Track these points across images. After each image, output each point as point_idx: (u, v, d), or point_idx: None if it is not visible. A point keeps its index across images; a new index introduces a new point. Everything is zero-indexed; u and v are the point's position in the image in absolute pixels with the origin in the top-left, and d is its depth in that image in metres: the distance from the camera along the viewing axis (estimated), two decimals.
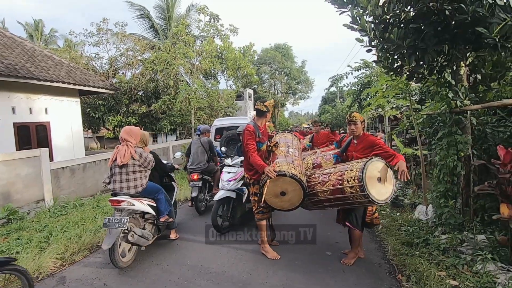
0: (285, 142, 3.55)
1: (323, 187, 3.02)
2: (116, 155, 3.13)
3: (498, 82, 4.00)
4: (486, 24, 2.83)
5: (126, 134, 3.21)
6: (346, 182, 2.81)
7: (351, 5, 3.52)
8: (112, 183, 3.21)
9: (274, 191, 3.03)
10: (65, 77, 9.01)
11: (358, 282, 2.73)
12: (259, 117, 3.41)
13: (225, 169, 4.31)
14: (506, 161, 2.87)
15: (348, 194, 2.80)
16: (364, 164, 2.77)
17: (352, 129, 3.20)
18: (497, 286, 2.45)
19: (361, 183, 2.66)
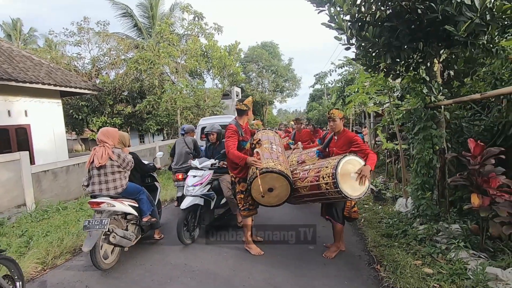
0: (268, 139, 3.60)
1: (303, 183, 3.11)
2: (93, 156, 3.10)
3: (471, 77, 4.17)
4: (455, 22, 2.96)
5: (102, 135, 3.19)
6: (322, 178, 2.92)
7: (328, 3, 3.60)
8: (91, 185, 3.18)
9: (262, 188, 3.05)
10: (45, 78, 8.77)
11: (338, 274, 2.82)
12: (240, 116, 3.44)
13: (190, 173, 3.96)
14: (476, 153, 3.01)
15: (324, 190, 2.92)
16: (337, 161, 2.88)
17: (332, 126, 3.31)
18: (467, 272, 2.58)
19: (334, 180, 2.78)
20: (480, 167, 2.96)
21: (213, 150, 4.43)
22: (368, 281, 2.69)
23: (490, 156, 2.94)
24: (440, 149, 3.72)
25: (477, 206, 2.94)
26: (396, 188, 5.78)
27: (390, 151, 6.72)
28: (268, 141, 3.56)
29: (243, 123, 3.48)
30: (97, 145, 3.22)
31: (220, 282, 2.75)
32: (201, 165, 3.96)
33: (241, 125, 3.44)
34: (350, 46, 3.80)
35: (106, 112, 13.48)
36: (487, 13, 2.77)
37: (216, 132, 4.35)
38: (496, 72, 3.90)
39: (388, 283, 2.57)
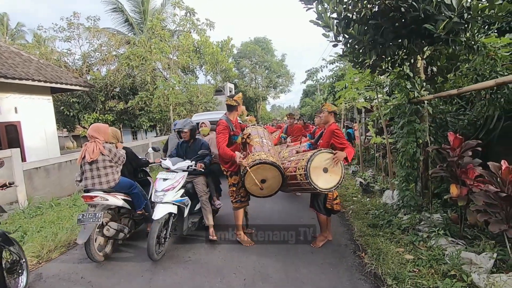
0: (257, 134, 3.74)
1: (286, 172, 3.31)
2: (85, 152, 3.17)
3: (454, 73, 4.33)
4: (435, 20, 3.09)
5: (93, 131, 3.25)
6: (297, 170, 3.14)
7: (316, 1, 3.69)
8: (83, 180, 3.24)
9: (255, 179, 3.19)
10: (35, 74, 8.69)
11: (324, 261, 2.96)
12: (230, 111, 3.54)
13: (160, 175, 3.45)
14: (455, 146, 3.16)
15: (299, 181, 3.13)
16: (310, 155, 3.07)
17: (320, 116, 3.61)
18: (445, 257, 2.74)
19: (306, 172, 2.99)
20: (459, 159, 3.12)
21: (186, 148, 4.00)
22: (352, 267, 2.83)
23: (468, 149, 3.10)
24: (423, 142, 3.87)
25: (455, 196, 3.10)
26: (384, 181, 5.96)
27: (379, 145, 6.89)
28: (258, 136, 3.70)
29: (233, 118, 3.56)
30: (88, 141, 3.29)
31: (212, 271, 2.87)
32: (175, 166, 3.52)
33: (232, 120, 3.52)
34: (337, 43, 3.91)
35: (98, 108, 13.37)
36: (465, 12, 2.90)
37: (189, 129, 3.90)
38: (477, 68, 4.05)
39: (370, 269, 2.72)
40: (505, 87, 3.50)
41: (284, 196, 5.60)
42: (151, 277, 2.82)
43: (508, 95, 3.56)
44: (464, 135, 4.04)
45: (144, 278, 2.80)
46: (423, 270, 2.57)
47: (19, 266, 2.56)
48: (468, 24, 3.30)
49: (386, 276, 2.54)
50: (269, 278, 2.71)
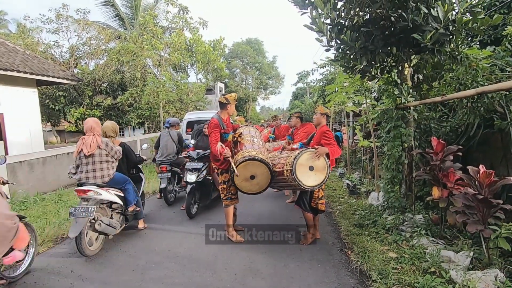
0: (249, 133, 3.85)
1: (274, 168, 3.43)
2: (82, 145, 3.14)
3: (438, 81, 4.54)
4: (423, 31, 3.26)
5: (94, 123, 3.25)
6: (285, 166, 3.27)
7: (310, 6, 3.81)
8: (78, 173, 3.23)
9: (244, 175, 3.28)
10: (21, 65, 8.45)
11: (312, 258, 3.06)
12: (222, 109, 3.59)
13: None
14: (438, 150, 3.33)
15: (286, 177, 3.25)
16: (298, 153, 3.21)
17: (313, 118, 3.71)
18: (426, 255, 2.89)
19: (292, 168, 3.12)
20: (441, 163, 3.29)
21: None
22: (339, 264, 2.95)
23: (450, 153, 3.27)
24: (408, 146, 4.05)
25: (437, 198, 3.28)
26: (370, 183, 6.15)
27: (366, 148, 7.10)
28: (249, 135, 3.82)
29: (224, 117, 3.61)
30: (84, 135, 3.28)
31: (203, 265, 2.92)
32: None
33: (223, 118, 3.58)
34: (330, 48, 4.04)
35: (85, 103, 13.08)
36: (450, 24, 3.08)
37: None
38: (460, 78, 4.27)
39: (356, 266, 2.84)
40: (485, 96, 3.71)
41: (273, 195, 5.70)
42: (142, 271, 2.84)
43: (487, 104, 3.77)
44: (446, 141, 4.25)
45: (135, 272, 2.82)
46: (406, 267, 2.70)
47: None
48: (453, 35, 3.49)
49: (371, 272, 2.66)
50: (259, 273, 2.78)
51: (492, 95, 3.65)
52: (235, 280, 2.67)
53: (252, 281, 2.65)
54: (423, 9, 3.20)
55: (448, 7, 2.93)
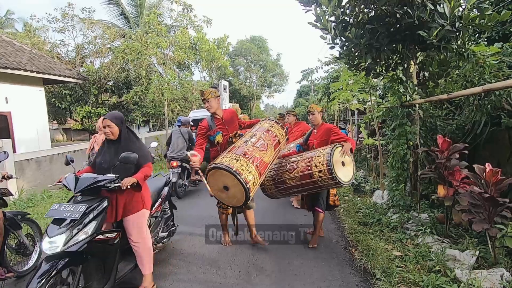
0: (254, 132, 3.17)
1: (291, 174, 3.20)
2: (94, 143, 3.28)
3: (444, 79, 4.49)
4: (429, 27, 3.22)
5: None
6: (314, 167, 3.04)
7: (315, 4, 3.79)
8: None
9: (217, 185, 2.74)
10: (28, 64, 8.56)
11: (316, 256, 3.07)
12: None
13: None
14: (443, 148, 3.30)
15: (317, 178, 3.03)
16: (330, 149, 3.05)
17: (311, 119, 3.51)
18: (431, 254, 2.87)
19: (329, 166, 2.93)
20: (447, 161, 3.26)
21: None
22: (343, 262, 2.95)
23: (456, 151, 3.25)
24: (413, 144, 4.02)
25: (442, 196, 3.25)
26: (374, 182, 6.12)
27: (371, 146, 7.06)
28: (252, 134, 3.12)
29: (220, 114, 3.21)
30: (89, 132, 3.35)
31: (208, 263, 2.95)
32: None
33: (217, 116, 3.19)
34: (334, 45, 4.02)
35: (91, 101, 13.20)
36: (457, 21, 3.04)
37: None
38: (467, 75, 4.22)
39: (360, 264, 2.84)
40: (492, 94, 3.66)
41: None
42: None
43: (494, 101, 3.72)
44: (453, 139, 4.20)
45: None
46: (410, 266, 2.69)
47: (24, 249, 2.77)
48: (459, 32, 3.45)
49: (375, 270, 2.66)
50: (263, 270, 2.80)
51: (499, 92, 3.60)
52: (239, 277, 2.69)
53: (256, 278, 2.67)
54: (429, 6, 3.17)
55: (455, 4, 2.89)
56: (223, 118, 3.22)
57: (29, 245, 2.86)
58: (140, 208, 2.46)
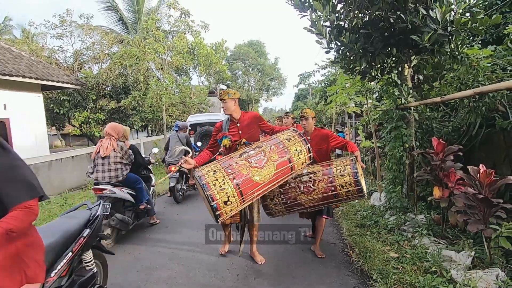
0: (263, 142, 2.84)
1: (310, 196, 2.94)
2: (99, 148, 3.47)
3: (439, 82, 4.55)
4: (422, 32, 3.28)
5: (110, 129, 3.57)
6: (340, 187, 2.85)
7: (310, 9, 3.85)
8: (95, 173, 3.52)
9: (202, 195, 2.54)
10: (26, 71, 8.59)
11: (314, 259, 3.09)
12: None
13: None
14: (438, 150, 3.35)
15: (343, 197, 2.91)
16: (352, 167, 2.87)
17: (304, 124, 3.31)
18: (427, 255, 2.90)
19: (359, 186, 2.82)
20: (442, 163, 3.30)
21: None
22: (340, 265, 2.97)
23: (450, 153, 3.29)
24: (409, 146, 4.06)
25: (438, 198, 3.29)
26: (372, 184, 6.15)
27: (368, 149, 7.11)
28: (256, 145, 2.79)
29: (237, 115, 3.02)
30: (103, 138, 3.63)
31: (206, 266, 2.96)
32: None
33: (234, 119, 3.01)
34: (329, 49, 4.08)
35: (89, 107, 13.23)
36: (449, 25, 3.10)
37: None
38: (461, 77, 4.28)
39: (357, 266, 2.86)
40: (486, 96, 3.71)
41: None
42: (147, 272, 2.89)
43: (489, 103, 3.78)
44: (449, 141, 4.25)
45: (140, 273, 2.87)
46: (407, 267, 2.72)
47: None
48: (452, 36, 3.51)
49: (372, 272, 2.68)
50: (261, 273, 2.81)
51: (493, 94, 3.66)
52: (238, 280, 2.70)
53: (254, 282, 2.68)
54: (422, 11, 3.23)
55: (446, 8, 2.95)
56: (239, 121, 3.02)
57: None
58: None
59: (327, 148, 3.31)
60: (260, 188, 2.54)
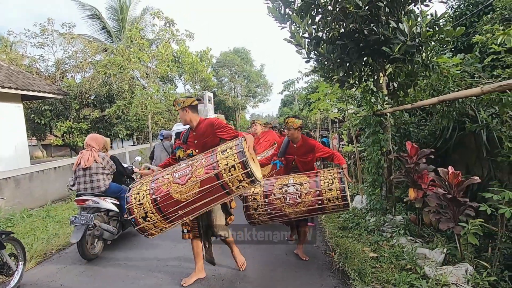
0: (200, 155, 2.49)
1: (295, 208, 2.94)
2: (80, 159, 3.48)
3: (413, 88, 4.81)
4: (392, 43, 3.50)
5: (91, 140, 3.63)
6: (327, 201, 2.89)
7: (289, 21, 4.03)
8: (76, 185, 3.53)
9: None
10: (5, 81, 8.39)
11: (297, 262, 3.19)
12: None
13: None
14: (412, 154, 3.54)
15: (329, 210, 3.00)
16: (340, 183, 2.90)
17: (288, 134, 3.32)
18: (403, 254, 3.06)
19: (346, 201, 2.87)
20: (415, 166, 3.50)
21: None
22: (323, 266, 3.09)
23: (423, 156, 3.49)
24: (386, 150, 4.27)
25: (413, 199, 3.48)
26: (355, 187, 6.34)
27: (351, 153, 7.33)
28: (190, 159, 2.52)
29: (195, 122, 2.80)
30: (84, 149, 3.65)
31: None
32: None
33: (194, 126, 2.80)
34: (309, 59, 4.26)
35: (72, 116, 12.98)
36: (416, 37, 3.34)
37: None
38: (433, 84, 4.54)
39: (338, 266, 2.98)
40: (456, 102, 3.96)
41: None
42: (133, 281, 2.91)
43: (459, 108, 4.03)
44: (425, 144, 4.48)
45: (125, 283, 2.88)
46: (384, 266, 2.86)
47: (6, 269, 2.78)
48: (422, 46, 3.76)
49: (351, 271, 2.80)
50: (246, 278, 2.89)
51: (462, 100, 3.91)
52: (223, 285, 2.76)
53: (239, 286, 2.75)
54: (392, 24, 3.46)
55: (413, 22, 3.18)
56: (195, 131, 2.80)
57: (13, 265, 2.85)
58: None
59: (312, 159, 3.33)
60: (183, 207, 2.30)
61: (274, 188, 3.05)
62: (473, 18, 8.18)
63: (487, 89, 1.93)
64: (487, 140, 3.67)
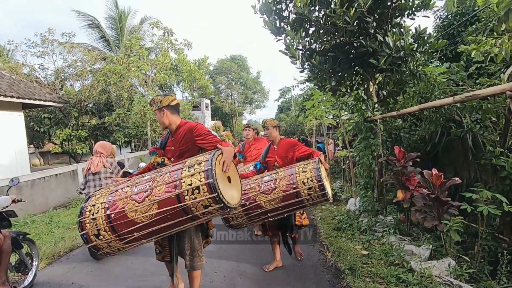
0: (168, 167, 2.16)
1: (269, 195, 2.77)
2: (90, 164, 3.72)
3: (402, 96, 5.09)
4: (379, 55, 3.78)
5: (100, 147, 3.86)
6: (301, 184, 2.69)
7: (284, 34, 4.30)
8: (87, 188, 3.74)
9: None
10: (7, 90, 8.57)
11: (293, 259, 3.39)
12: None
13: None
14: (400, 157, 3.79)
15: (305, 197, 2.70)
16: (315, 164, 2.77)
17: (265, 134, 3.35)
18: (392, 251, 3.28)
19: (321, 182, 2.64)
20: (403, 169, 3.75)
21: None
22: (317, 263, 3.29)
23: (410, 159, 3.74)
24: (377, 155, 4.51)
25: (401, 200, 3.71)
26: (349, 190, 6.58)
27: (345, 158, 7.59)
28: (156, 170, 2.20)
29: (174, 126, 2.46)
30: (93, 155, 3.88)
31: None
32: None
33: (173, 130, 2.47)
34: (303, 69, 4.53)
35: (71, 124, 13.15)
36: (401, 50, 3.62)
37: None
38: (421, 92, 4.82)
39: (331, 263, 3.19)
40: (442, 108, 4.20)
41: None
42: (139, 279, 3.09)
43: (445, 114, 4.29)
44: (416, 148, 4.72)
45: (133, 281, 3.06)
46: (375, 262, 3.08)
47: (24, 267, 3.00)
48: (407, 57, 4.05)
49: (343, 267, 3.01)
50: (246, 274, 3.08)
51: (448, 106, 4.17)
52: (224, 281, 2.96)
53: (239, 281, 2.95)
54: (379, 37, 3.74)
55: (396, 37, 3.46)
56: (174, 135, 2.47)
57: (28, 264, 3.04)
58: None
59: (292, 157, 3.28)
60: (139, 229, 1.94)
61: (250, 181, 2.96)
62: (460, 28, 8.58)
63: (458, 98, 2.19)
64: (473, 144, 3.93)
